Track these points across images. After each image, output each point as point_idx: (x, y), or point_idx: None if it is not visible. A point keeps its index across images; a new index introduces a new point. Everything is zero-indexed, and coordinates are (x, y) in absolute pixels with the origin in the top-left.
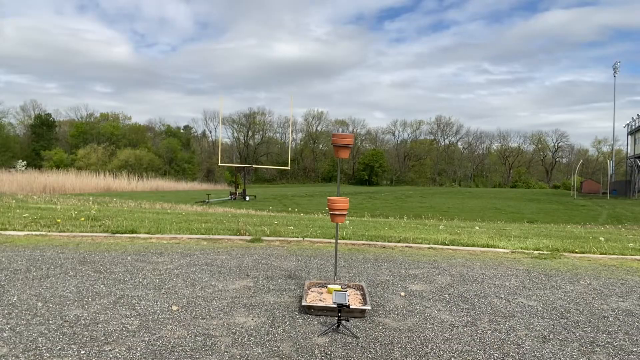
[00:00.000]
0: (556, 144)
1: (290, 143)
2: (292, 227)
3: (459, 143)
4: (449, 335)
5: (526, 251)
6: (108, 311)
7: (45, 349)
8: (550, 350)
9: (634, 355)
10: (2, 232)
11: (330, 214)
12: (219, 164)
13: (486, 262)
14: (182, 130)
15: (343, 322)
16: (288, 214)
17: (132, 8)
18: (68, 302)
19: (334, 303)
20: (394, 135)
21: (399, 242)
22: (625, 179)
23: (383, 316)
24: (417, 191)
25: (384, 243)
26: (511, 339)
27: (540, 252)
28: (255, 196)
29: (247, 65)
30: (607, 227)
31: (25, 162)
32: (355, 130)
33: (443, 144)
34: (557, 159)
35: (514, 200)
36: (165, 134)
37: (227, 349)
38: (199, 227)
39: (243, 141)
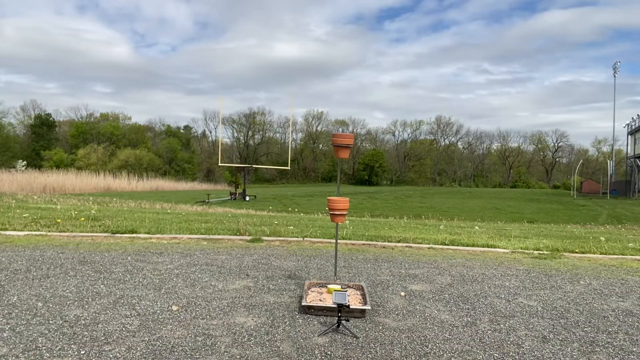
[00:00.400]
0: (556, 144)
1: (290, 143)
2: (292, 227)
3: (459, 143)
4: (449, 335)
5: (526, 251)
6: (108, 311)
7: (45, 349)
8: (550, 350)
9: (634, 355)
10: (2, 232)
11: (330, 214)
12: (219, 164)
13: (486, 262)
14: (182, 130)
15: (343, 322)
16: (288, 214)
17: (132, 8)
18: (68, 302)
19: (334, 303)
20: (394, 135)
21: (399, 242)
22: (625, 179)
23: (383, 316)
24: (417, 191)
25: (384, 243)
26: (511, 339)
27: (540, 252)
28: (255, 196)
29: (247, 65)
30: (607, 227)
31: (25, 162)
32: (355, 130)
33: (443, 144)
34: (557, 159)
35: (514, 200)
36: (165, 134)
37: (227, 349)
38: (199, 227)
39: (243, 141)
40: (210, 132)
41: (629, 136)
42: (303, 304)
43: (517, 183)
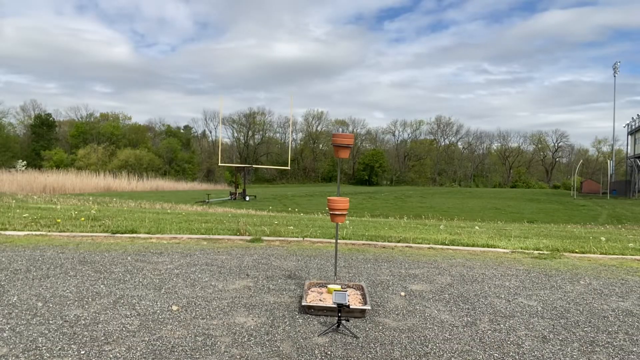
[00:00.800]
0: (556, 144)
1: (290, 143)
2: (292, 227)
3: (459, 143)
4: (449, 335)
5: (526, 251)
6: (108, 311)
7: (45, 349)
8: (550, 350)
9: (634, 355)
10: (2, 232)
11: (330, 214)
12: (219, 164)
13: (486, 262)
14: (182, 130)
15: (343, 322)
16: (288, 214)
17: (132, 8)
18: (68, 302)
19: (334, 303)
20: (394, 135)
21: (399, 242)
22: (625, 179)
23: (383, 316)
24: (417, 191)
25: (384, 243)
26: (511, 339)
27: (540, 252)
28: (255, 196)
29: (247, 65)
30: (607, 227)
31: (25, 162)
32: (355, 130)
33: (443, 144)
34: (557, 159)
35: (514, 200)
36: (165, 134)
37: (227, 349)
38: (199, 227)
39: (243, 141)
40: (210, 132)
41: (629, 136)
42: (303, 304)
43: (517, 183)
